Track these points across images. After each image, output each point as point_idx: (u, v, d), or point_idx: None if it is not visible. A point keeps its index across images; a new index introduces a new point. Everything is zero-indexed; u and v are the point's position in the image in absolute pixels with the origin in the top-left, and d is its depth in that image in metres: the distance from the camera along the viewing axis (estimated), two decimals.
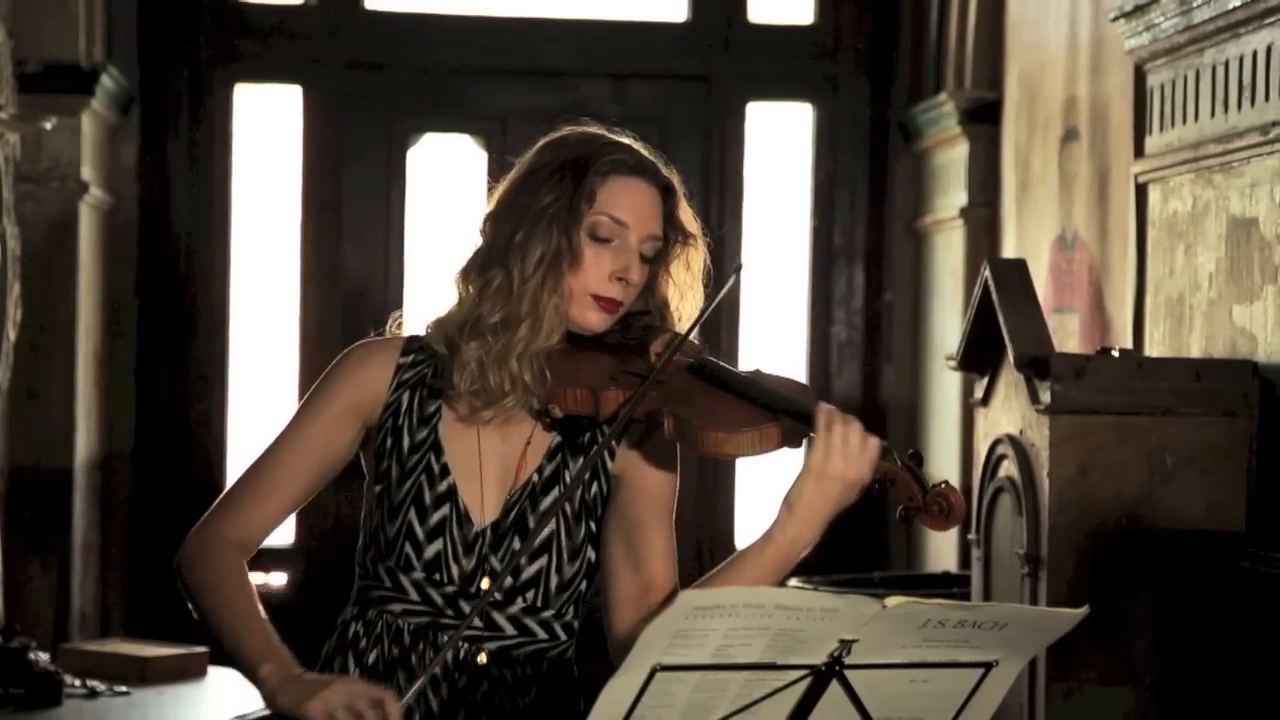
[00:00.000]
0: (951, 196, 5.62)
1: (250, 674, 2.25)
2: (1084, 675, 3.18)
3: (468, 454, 2.34)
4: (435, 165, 6.02)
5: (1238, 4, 3.33)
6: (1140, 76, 3.90)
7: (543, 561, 2.32)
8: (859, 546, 6.14)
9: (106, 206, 5.66)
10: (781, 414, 2.25)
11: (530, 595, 2.33)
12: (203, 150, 6.02)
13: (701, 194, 6.17)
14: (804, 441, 2.27)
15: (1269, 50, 3.29)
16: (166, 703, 4.13)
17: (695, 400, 2.28)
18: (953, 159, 5.62)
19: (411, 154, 5.95)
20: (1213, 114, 3.50)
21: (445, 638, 2.31)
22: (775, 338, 6.28)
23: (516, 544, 2.31)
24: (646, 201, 2.36)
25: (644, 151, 2.39)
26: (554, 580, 2.33)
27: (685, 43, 6.17)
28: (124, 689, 4.20)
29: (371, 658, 2.33)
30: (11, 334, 4.81)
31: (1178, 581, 3.16)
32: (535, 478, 2.34)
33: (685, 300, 2.41)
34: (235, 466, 5.81)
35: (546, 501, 2.34)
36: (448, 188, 6.02)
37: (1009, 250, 5.13)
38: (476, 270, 2.34)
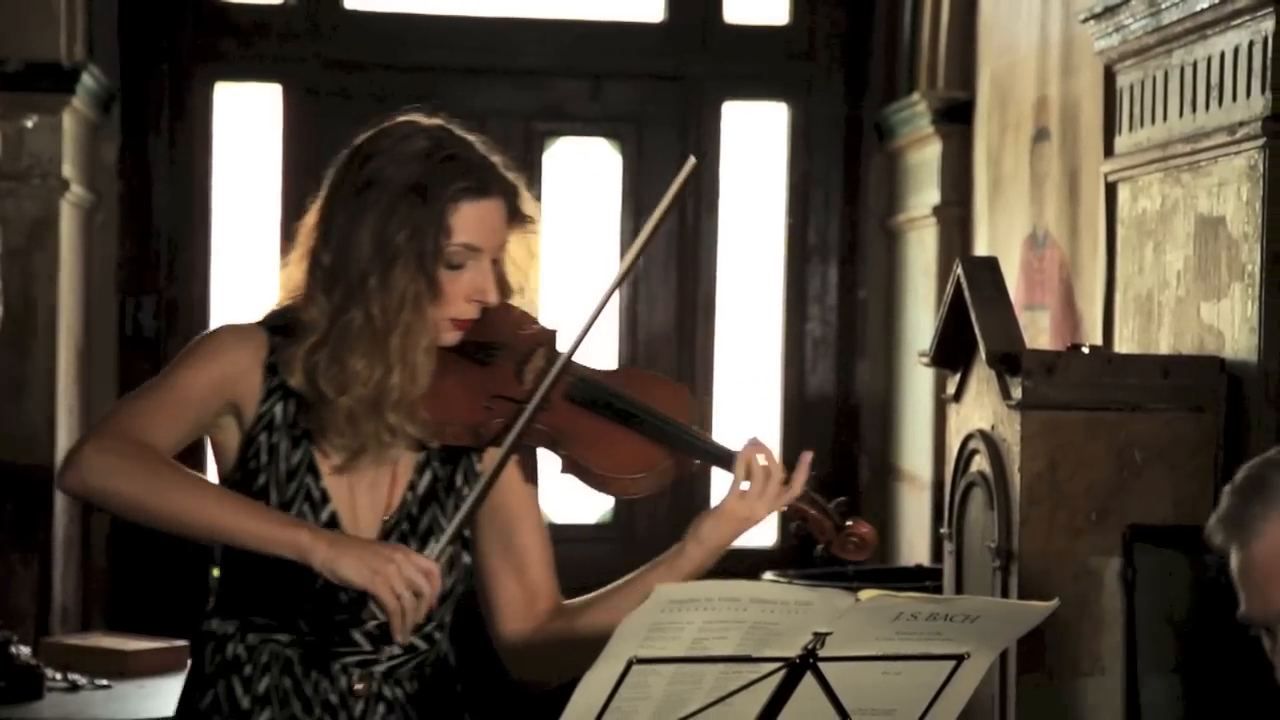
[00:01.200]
0: (924, 195, 5.63)
1: (282, 544, 2.14)
2: (1054, 667, 3.19)
3: (342, 475, 2.27)
4: None
5: (1205, 6, 3.34)
6: (1110, 77, 3.91)
7: None
8: None
9: (88, 204, 5.64)
10: (688, 453, 2.22)
11: None
12: (183, 148, 6.00)
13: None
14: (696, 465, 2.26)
15: (1236, 51, 3.30)
16: (147, 695, 4.12)
17: (588, 435, 2.22)
18: (926, 158, 5.63)
19: None
20: (1181, 114, 3.51)
21: (337, 665, 2.26)
22: (750, 333, 6.29)
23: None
24: (495, 217, 2.27)
25: (483, 150, 2.29)
26: (436, 596, 2.26)
27: (662, 43, 6.17)
28: (105, 682, 4.19)
29: (262, 687, 2.26)
30: None
31: (1146, 575, 3.17)
32: (409, 495, 2.29)
33: (528, 279, 2.35)
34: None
35: (425, 519, 2.28)
36: None
37: (981, 248, 5.14)
38: (326, 296, 2.23)
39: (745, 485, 2.26)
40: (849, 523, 2.25)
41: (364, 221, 2.23)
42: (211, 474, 2.34)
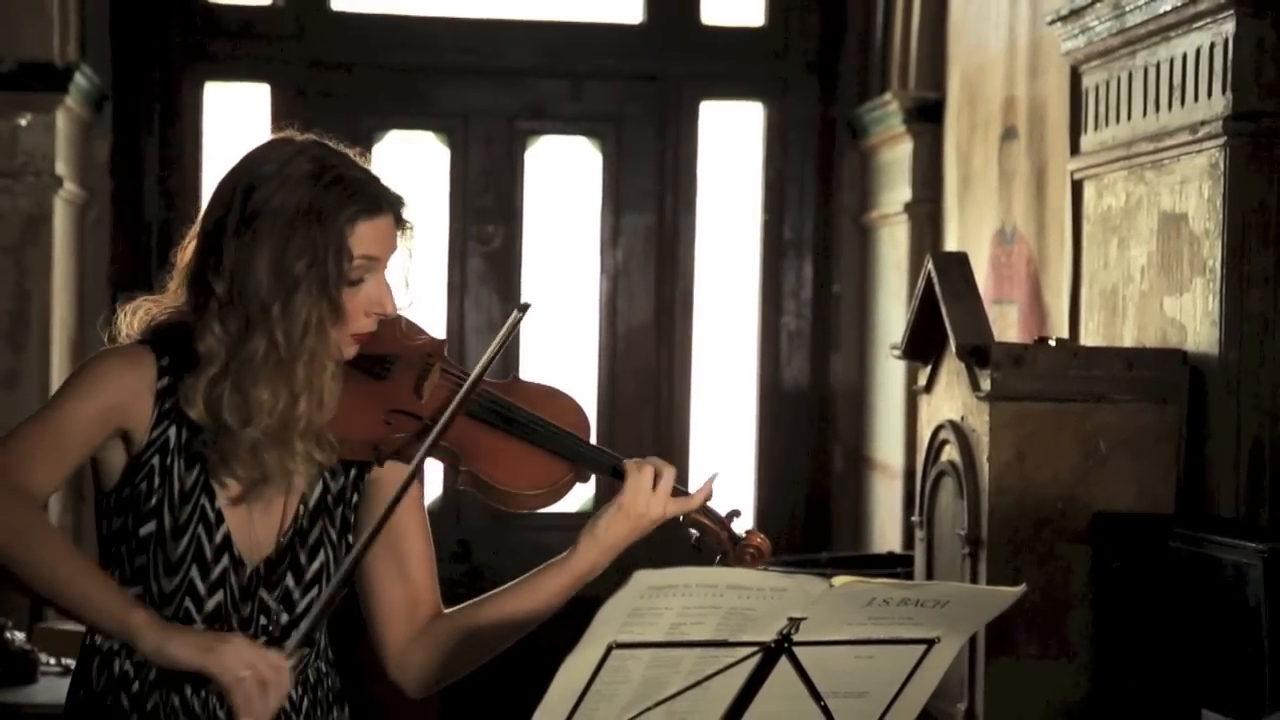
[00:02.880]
0: (896, 192, 5.64)
1: (116, 621, 2.08)
2: (1022, 650, 3.20)
3: (235, 492, 2.20)
4: (399, 161, 6.00)
5: (1168, 8, 3.35)
6: (1076, 78, 3.92)
7: (315, 591, 2.23)
8: (807, 529, 6.16)
9: (80, 200, 5.62)
10: (584, 465, 2.22)
11: (304, 624, 2.20)
12: (174, 146, 5.99)
13: (656, 189, 6.18)
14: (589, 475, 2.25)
15: (1198, 53, 3.31)
16: None
17: (488, 451, 2.20)
18: (897, 156, 5.64)
19: (376, 150, 5.93)
20: (1145, 114, 3.51)
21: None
22: (727, 327, 6.29)
23: (290, 580, 2.21)
24: (388, 230, 2.21)
25: (363, 166, 2.24)
26: (322, 601, 2.22)
27: (641, 44, 6.17)
28: None
29: (150, 704, 2.19)
30: None
31: (1111, 561, 3.18)
32: (301, 509, 2.23)
33: (407, 284, 2.27)
34: None
35: (315, 532, 2.23)
36: (411, 183, 5.98)
37: (951, 244, 5.15)
38: (223, 325, 2.16)
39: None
40: (743, 534, 2.25)
41: (259, 251, 2.16)
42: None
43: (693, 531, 2.27)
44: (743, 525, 2.26)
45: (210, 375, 2.16)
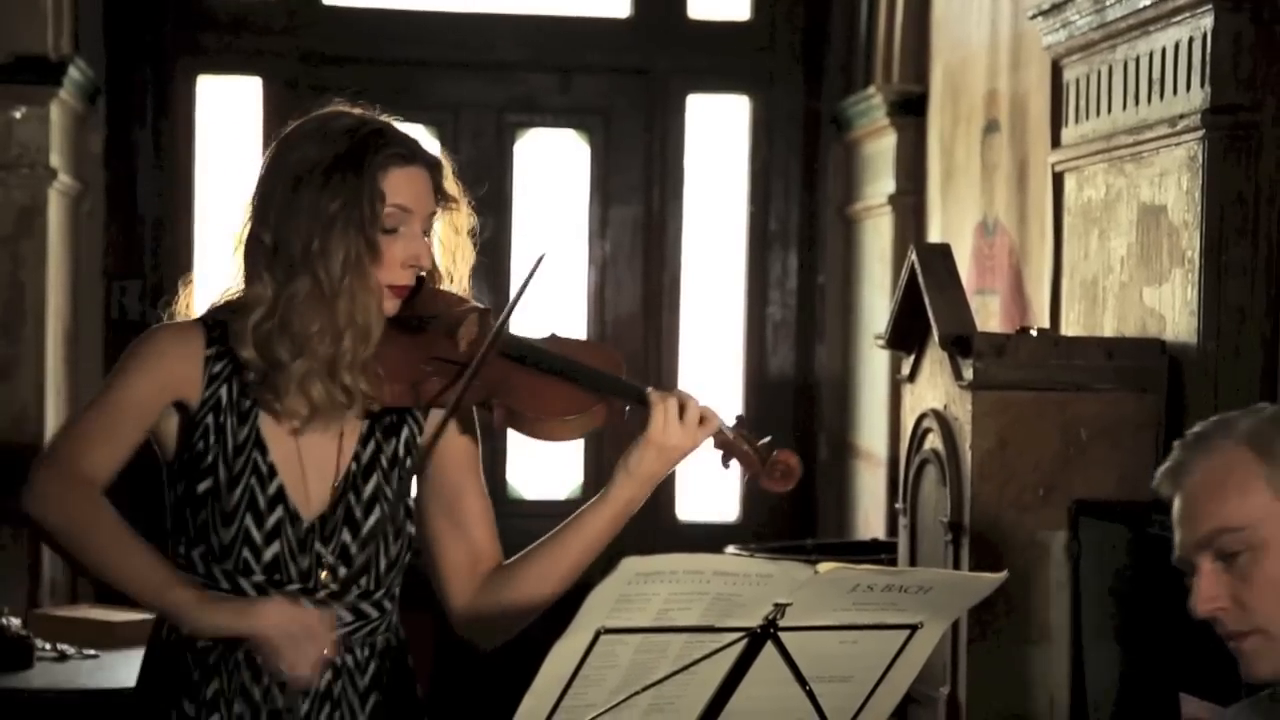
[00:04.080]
0: (880, 184, 5.64)
1: (156, 600, 2.15)
2: (1003, 635, 3.20)
3: (288, 448, 2.25)
4: None
5: (1148, 3, 3.35)
6: (1057, 71, 3.92)
7: (372, 547, 2.26)
8: (792, 516, 6.17)
9: (74, 192, 5.61)
10: (610, 394, 2.23)
11: (364, 581, 2.27)
12: (167, 139, 5.98)
13: (644, 181, 6.17)
14: (626, 413, 2.26)
15: (1177, 47, 3.31)
16: (133, 665, 4.08)
17: (518, 388, 2.23)
18: (881, 149, 5.64)
19: None
20: (1125, 107, 3.52)
21: None
22: (714, 317, 6.29)
23: (345, 535, 2.25)
24: (423, 184, 2.28)
25: (404, 132, 2.31)
26: (383, 562, 2.28)
27: (629, 38, 6.16)
28: (93, 652, 4.18)
29: (213, 658, 2.24)
30: None
31: (1091, 547, 3.19)
32: (354, 466, 2.27)
33: (456, 261, 2.35)
34: None
35: (369, 488, 2.27)
36: None
37: (934, 235, 5.15)
38: (270, 274, 2.23)
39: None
40: (774, 453, 2.24)
41: (300, 199, 2.23)
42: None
43: (721, 455, 2.24)
44: (773, 446, 2.24)
45: (258, 316, 2.23)
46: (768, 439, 2.27)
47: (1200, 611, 1.88)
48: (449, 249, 2.34)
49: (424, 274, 2.31)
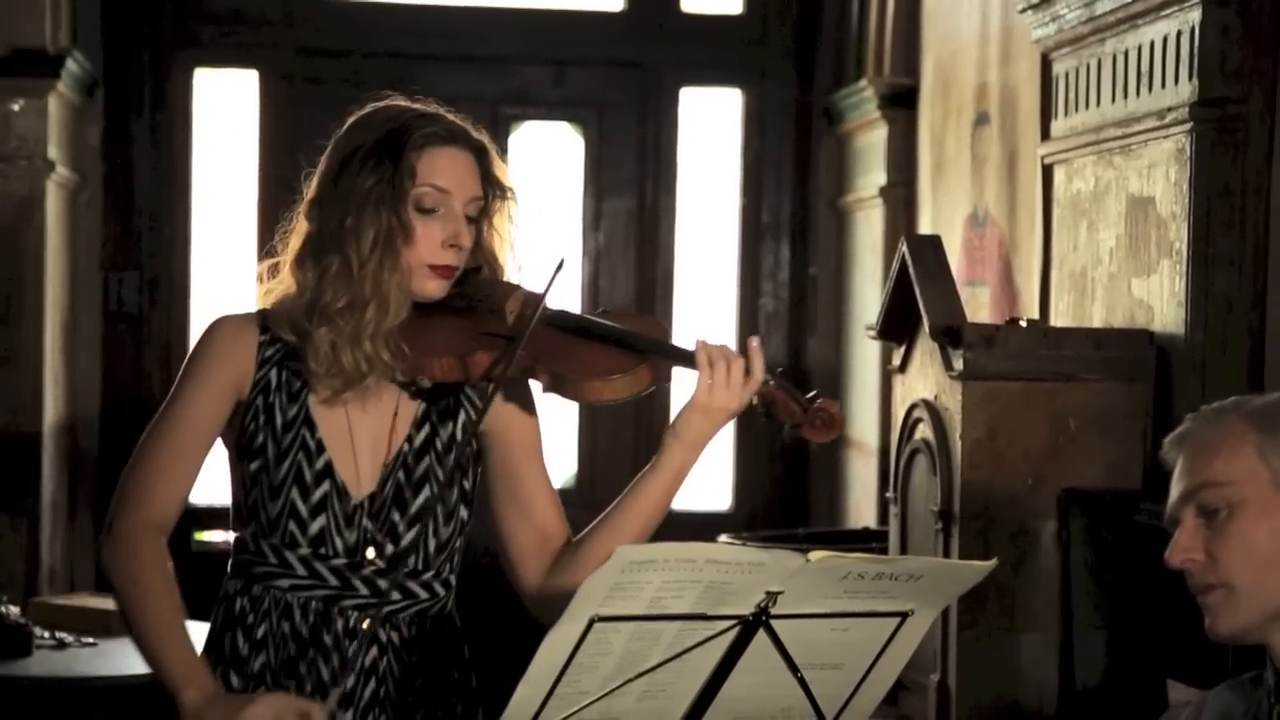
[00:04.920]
0: (871, 176, 5.64)
1: (171, 690, 2.19)
2: (993, 623, 3.21)
3: (339, 428, 2.28)
4: None
5: None
6: (1046, 65, 3.92)
7: (419, 527, 2.28)
8: (784, 505, 6.17)
9: (72, 184, 5.60)
10: (654, 355, 2.25)
11: (411, 560, 2.29)
12: (164, 131, 5.97)
13: (637, 174, 6.17)
14: (671, 375, 2.27)
15: (1165, 41, 3.31)
16: (130, 653, 4.08)
17: (564, 352, 2.25)
18: (872, 141, 5.64)
19: None
20: (1113, 100, 3.51)
21: (334, 609, 2.26)
22: (707, 308, 6.29)
23: (394, 513, 2.27)
24: (463, 166, 2.29)
25: (453, 118, 2.33)
26: (432, 543, 2.30)
27: (622, 32, 6.15)
28: (91, 640, 4.18)
29: (260, 632, 2.28)
30: None
31: (1079, 535, 3.19)
32: (406, 447, 2.30)
33: (513, 250, 2.38)
34: None
35: (420, 469, 2.29)
36: None
37: (925, 227, 5.15)
38: (311, 257, 2.27)
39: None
40: (817, 403, 2.22)
41: (340, 184, 2.26)
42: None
43: (763, 407, 2.24)
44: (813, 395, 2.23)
45: (293, 296, 2.28)
46: (813, 393, 2.26)
47: (1173, 561, 1.93)
48: (505, 238, 2.37)
49: (481, 266, 2.33)
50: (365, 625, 2.27)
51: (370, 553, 2.26)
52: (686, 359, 2.25)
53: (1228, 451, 1.90)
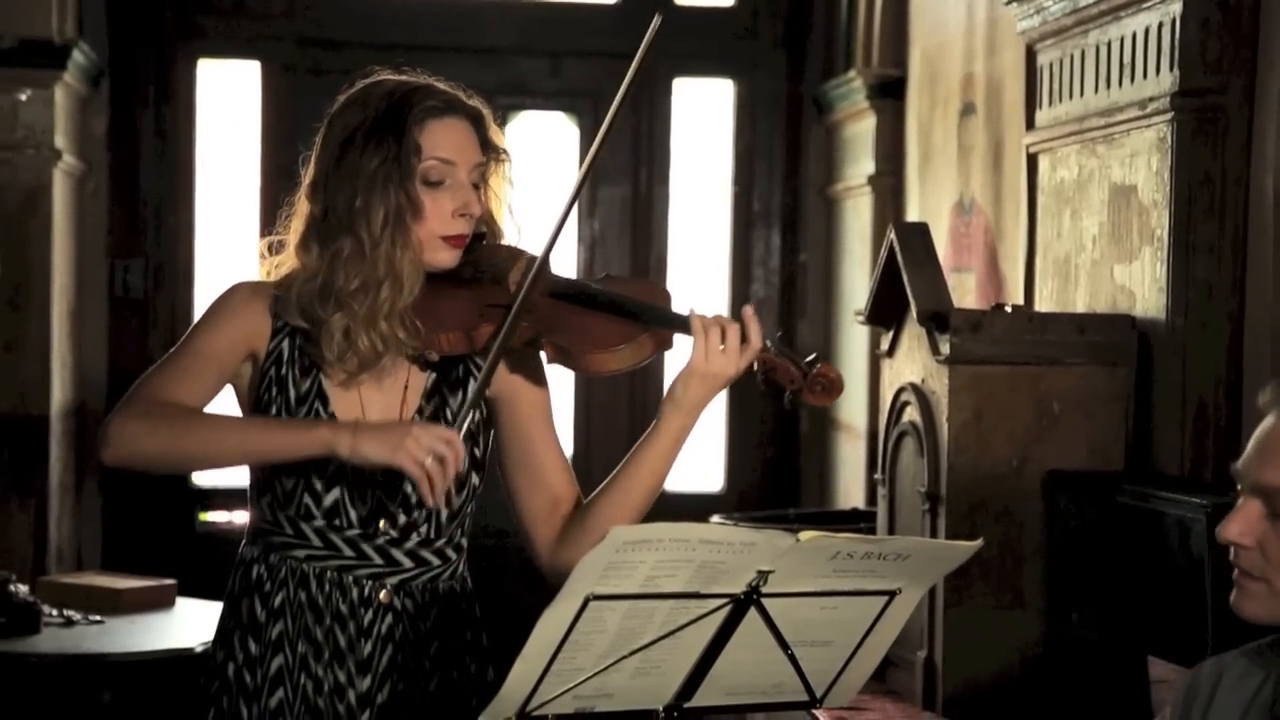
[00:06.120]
0: (860, 165, 5.63)
1: (309, 445, 2.15)
2: (978, 601, 3.21)
3: (351, 402, 2.27)
4: None
5: None
6: (1031, 56, 3.91)
7: None
8: (775, 486, 6.17)
9: (79, 173, 5.59)
10: (654, 324, 2.23)
11: (424, 529, 2.28)
12: (168, 121, 5.96)
13: (631, 162, 6.16)
14: (673, 341, 2.25)
15: (1147, 32, 3.31)
16: (137, 631, 4.11)
17: (567, 323, 2.23)
18: (861, 131, 5.63)
19: None
20: (1097, 90, 3.51)
21: (350, 578, 2.26)
22: (699, 294, 6.28)
23: (407, 485, 2.24)
24: (464, 135, 2.29)
25: (445, 86, 2.33)
26: (444, 513, 2.29)
27: (617, 23, 6.14)
28: (98, 618, 4.18)
29: (278, 600, 2.27)
30: None
31: (1063, 515, 3.19)
32: (416, 418, 2.28)
33: (513, 213, 2.37)
34: None
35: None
36: None
37: (912, 215, 5.15)
38: (318, 240, 2.25)
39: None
40: (816, 368, 2.19)
41: (344, 165, 2.24)
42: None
43: (762, 374, 2.21)
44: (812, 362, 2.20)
45: (304, 279, 2.25)
46: (812, 356, 2.23)
47: (1224, 537, 1.87)
48: (504, 199, 2.35)
49: (484, 230, 2.31)
50: (382, 595, 2.26)
51: (383, 523, 2.26)
52: (684, 325, 2.23)
53: None
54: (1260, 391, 1.91)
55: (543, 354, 2.27)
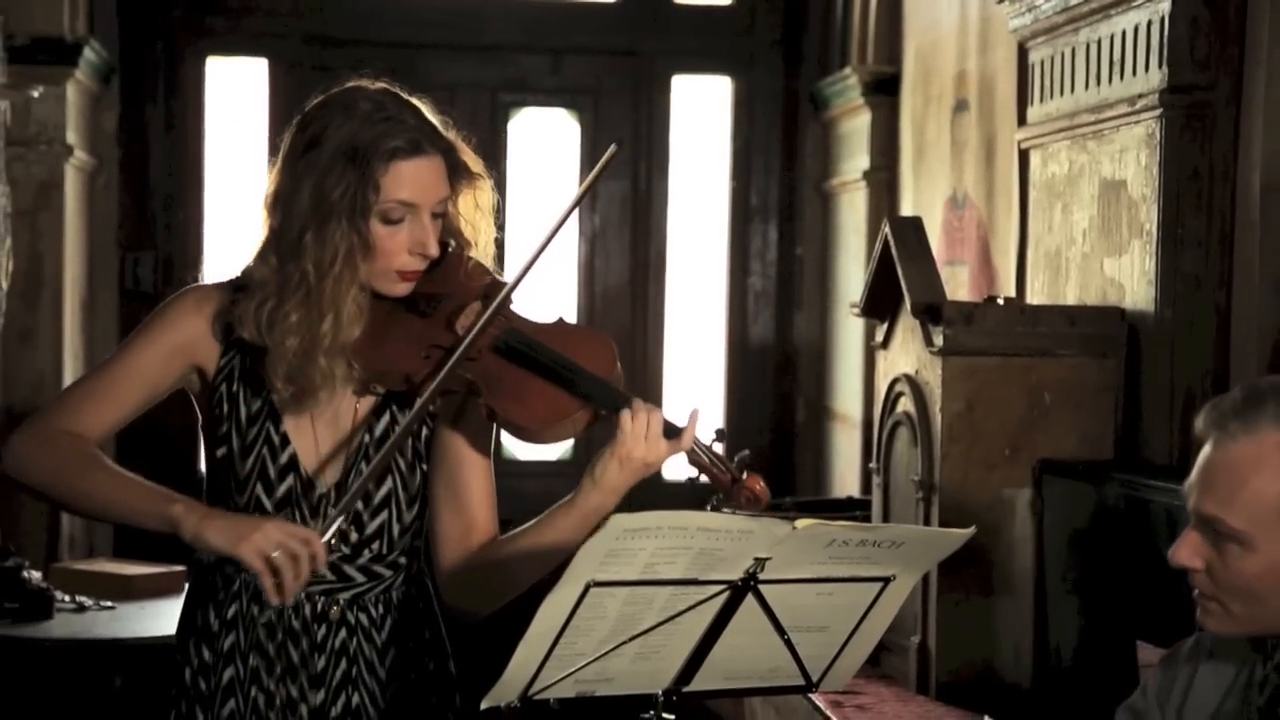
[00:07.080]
0: (855, 161, 5.63)
1: (158, 519, 2.09)
2: (971, 587, 3.21)
3: (302, 420, 2.22)
4: None
5: None
6: (1023, 53, 3.91)
7: (384, 515, 2.23)
8: (772, 476, 6.16)
9: (90, 168, 5.59)
10: (592, 401, 2.13)
11: (376, 545, 2.23)
12: (177, 117, 5.96)
13: (631, 158, 6.16)
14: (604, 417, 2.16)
15: (1136, 30, 3.31)
16: (147, 616, 4.12)
17: (506, 385, 2.15)
18: (856, 127, 5.63)
19: None
20: (1087, 87, 3.51)
21: (302, 595, 2.18)
22: (698, 288, 6.29)
23: (359, 503, 2.19)
24: (430, 175, 2.18)
25: (422, 117, 2.21)
26: (396, 528, 2.24)
27: (617, 21, 6.14)
28: (109, 604, 4.18)
29: (230, 612, 2.23)
30: (4, 283, 4.75)
31: (1053, 504, 3.19)
32: (367, 437, 2.23)
33: (479, 232, 2.28)
34: None
35: (380, 458, 2.18)
36: None
37: (906, 209, 5.14)
38: (276, 255, 2.18)
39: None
40: (744, 477, 2.16)
41: (304, 183, 2.17)
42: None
43: (694, 471, 2.17)
44: (745, 469, 2.16)
45: (259, 299, 2.18)
46: (743, 454, 2.18)
47: (1174, 561, 1.89)
48: (471, 221, 2.26)
49: (449, 242, 2.23)
50: (334, 611, 2.22)
51: (334, 540, 2.16)
52: (616, 407, 2.13)
53: (1253, 495, 1.80)
54: (1195, 416, 1.90)
55: (480, 410, 2.19)
